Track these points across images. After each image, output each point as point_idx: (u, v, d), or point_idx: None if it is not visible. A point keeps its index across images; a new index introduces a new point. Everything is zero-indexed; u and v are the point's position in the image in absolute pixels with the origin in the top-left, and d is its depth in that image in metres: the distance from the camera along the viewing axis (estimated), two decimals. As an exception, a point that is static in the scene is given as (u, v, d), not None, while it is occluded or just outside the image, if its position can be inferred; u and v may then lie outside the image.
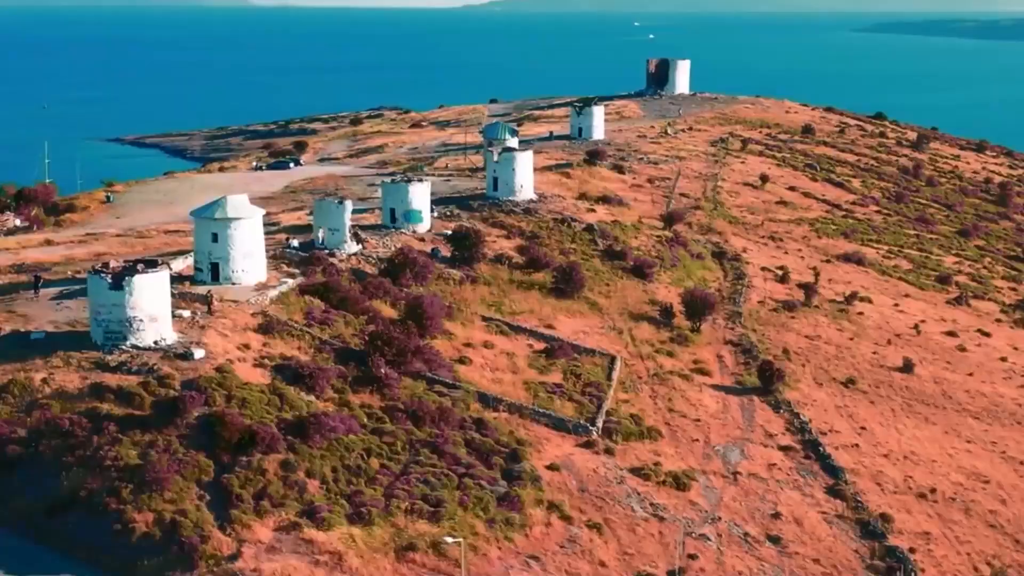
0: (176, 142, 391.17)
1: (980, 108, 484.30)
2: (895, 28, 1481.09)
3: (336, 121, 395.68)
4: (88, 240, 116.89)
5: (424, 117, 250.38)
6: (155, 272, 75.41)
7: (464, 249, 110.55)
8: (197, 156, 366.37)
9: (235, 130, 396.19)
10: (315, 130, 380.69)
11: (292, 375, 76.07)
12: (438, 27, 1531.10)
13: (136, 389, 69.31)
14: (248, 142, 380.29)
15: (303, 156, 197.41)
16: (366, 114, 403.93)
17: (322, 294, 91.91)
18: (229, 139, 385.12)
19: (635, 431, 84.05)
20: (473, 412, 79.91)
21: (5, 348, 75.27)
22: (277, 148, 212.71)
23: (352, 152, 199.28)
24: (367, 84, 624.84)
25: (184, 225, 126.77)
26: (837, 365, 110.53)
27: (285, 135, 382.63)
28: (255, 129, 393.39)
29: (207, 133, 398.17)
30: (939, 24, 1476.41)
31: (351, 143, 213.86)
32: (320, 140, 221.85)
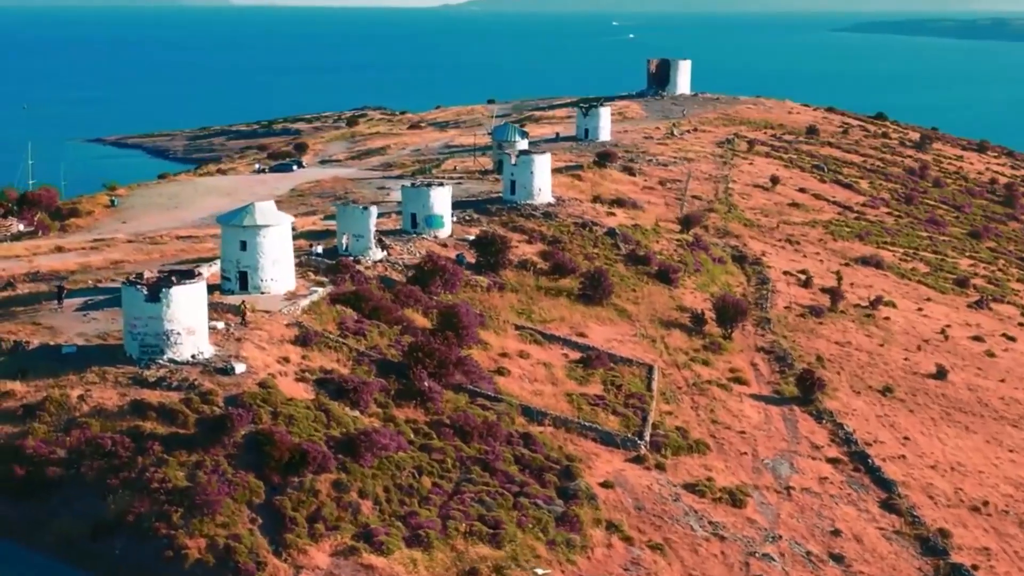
0: (158, 142, 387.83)
1: (966, 107, 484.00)
2: (874, 28, 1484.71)
3: (320, 121, 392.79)
4: (100, 246, 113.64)
5: (422, 118, 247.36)
6: (192, 283, 72.37)
7: (490, 255, 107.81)
8: (180, 157, 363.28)
9: (218, 130, 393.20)
10: (299, 130, 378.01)
11: (335, 390, 73.19)
12: (419, 27, 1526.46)
13: (178, 406, 66.31)
14: (231, 142, 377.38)
15: (303, 158, 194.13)
16: (350, 114, 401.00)
17: (354, 303, 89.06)
18: (212, 139, 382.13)
19: (683, 445, 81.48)
20: (518, 426, 77.21)
21: (35, 363, 72.15)
22: (276, 150, 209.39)
23: (353, 154, 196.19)
24: (350, 84, 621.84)
25: (196, 230, 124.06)
26: (871, 373, 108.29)
27: (269, 135, 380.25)
28: (238, 129, 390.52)
29: (189, 133, 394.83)
30: (918, 24, 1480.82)
31: (350, 144, 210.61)
32: (319, 141, 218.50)
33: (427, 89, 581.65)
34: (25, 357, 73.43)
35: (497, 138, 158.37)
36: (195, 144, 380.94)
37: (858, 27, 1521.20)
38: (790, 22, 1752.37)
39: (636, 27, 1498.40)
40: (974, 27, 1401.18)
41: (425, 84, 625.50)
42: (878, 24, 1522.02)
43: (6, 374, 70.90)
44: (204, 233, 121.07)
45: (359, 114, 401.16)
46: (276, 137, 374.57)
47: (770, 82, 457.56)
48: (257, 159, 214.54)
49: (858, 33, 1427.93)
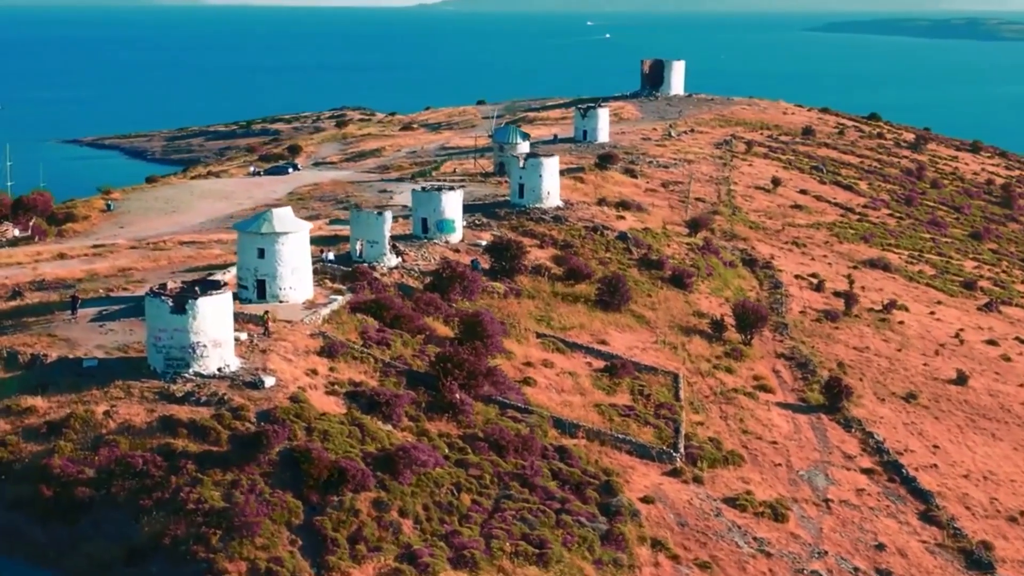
0: (135, 143, 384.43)
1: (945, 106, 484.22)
2: (848, 27, 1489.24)
3: (299, 121, 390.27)
4: (103, 253, 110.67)
5: (413, 119, 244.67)
6: (219, 294, 69.83)
7: (505, 261, 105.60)
8: (158, 158, 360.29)
9: (196, 131, 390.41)
10: (278, 130, 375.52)
11: (367, 403, 70.79)
12: (394, 27, 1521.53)
13: (210, 423, 63.79)
14: (210, 143, 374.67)
15: (296, 160, 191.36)
16: (329, 114, 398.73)
17: (374, 312, 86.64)
18: (190, 140, 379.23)
19: (718, 457, 79.48)
20: (551, 439, 75.04)
21: (56, 377, 69.48)
22: (269, 152, 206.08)
23: (346, 156, 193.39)
24: (327, 84, 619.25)
25: (198, 235, 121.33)
26: (893, 379, 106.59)
27: (248, 135, 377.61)
28: (216, 130, 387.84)
29: (167, 134, 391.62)
30: (891, 23, 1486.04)
31: (343, 146, 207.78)
32: (311, 143, 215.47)
33: (407, 89, 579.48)
34: (44, 371, 70.78)
35: (498, 140, 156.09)
36: (173, 145, 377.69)
37: (831, 27, 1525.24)
38: (763, 22, 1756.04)
39: (610, 27, 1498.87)
40: (948, 26, 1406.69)
41: (405, 84, 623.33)
42: (851, 24, 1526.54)
43: (25, 389, 68.27)
44: (208, 238, 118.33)
45: (339, 114, 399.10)
46: (255, 137, 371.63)
47: (750, 82, 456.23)
48: (249, 161, 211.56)
49: (831, 33, 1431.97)
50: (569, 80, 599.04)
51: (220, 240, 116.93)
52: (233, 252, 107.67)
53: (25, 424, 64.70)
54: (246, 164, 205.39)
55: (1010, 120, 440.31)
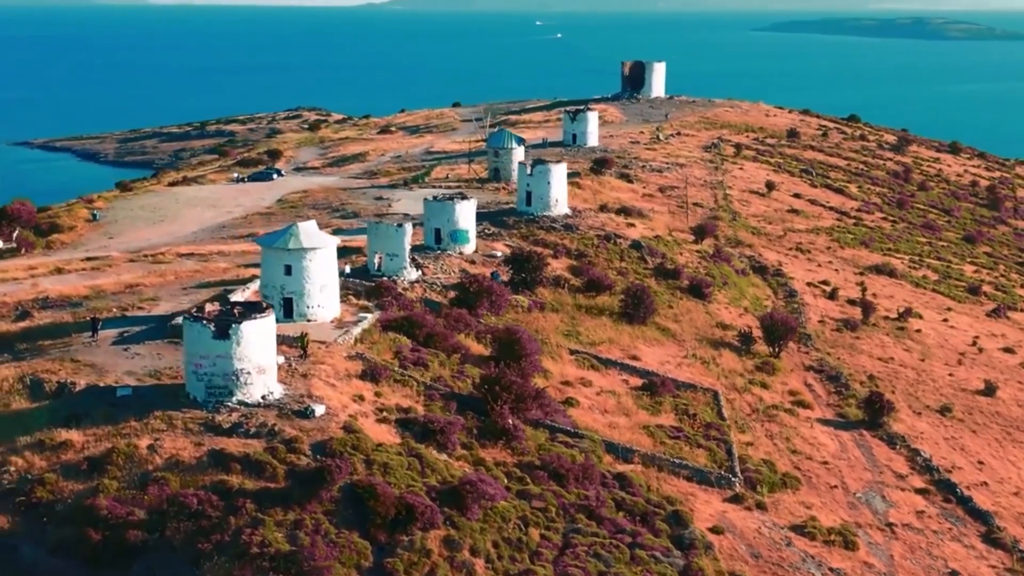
0: (87, 145, 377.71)
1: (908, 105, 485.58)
2: (795, 27, 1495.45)
3: (255, 122, 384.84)
4: (101, 267, 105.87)
5: (390, 122, 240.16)
6: (263, 317, 65.54)
7: (526, 272, 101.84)
8: (111, 160, 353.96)
9: (149, 132, 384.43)
10: (233, 132, 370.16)
11: (421, 431, 66.79)
12: (344, 26, 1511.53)
13: (264, 457, 59.55)
14: (164, 144, 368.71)
15: (276, 165, 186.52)
16: (284, 115, 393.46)
17: (406, 330, 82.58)
18: (144, 142, 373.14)
19: (775, 480, 76.27)
20: (606, 465, 71.39)
21: (88, 407, 64.87)
22: (248, 156, 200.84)
23: (328, 160, 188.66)
24: (280, 84, 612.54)
25: (195, 247, 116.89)
26: (924, 391, 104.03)
27: (202, 137, 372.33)
28: (170, 131, 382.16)
29: (119, 136, 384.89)
30: (838, 23, 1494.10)
31: (322, 150, 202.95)
32: (289, 147, 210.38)
33: (364, 90, 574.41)
34: (74, 401, 66.18)
35: (492, 145, 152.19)
36: (126, 147, 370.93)
37: (779, 26, 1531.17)
38: (711, 21, 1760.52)
39: (560, 26, 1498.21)
40: (894, 26, 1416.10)
41: (360, 85, 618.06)
42: (799, 23, 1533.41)
43: (56, 421, 63.62)
44: (207, 250, 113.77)
45: (294, 115, 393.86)
46: (210, 139, 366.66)
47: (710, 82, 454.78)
48: (225, 166, 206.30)
49: (779, 32, 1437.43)
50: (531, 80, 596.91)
51: (221, 252, 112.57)
52: (239, 265, 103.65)
53: (62, 460, 60.10)
54: (223, 169, 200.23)
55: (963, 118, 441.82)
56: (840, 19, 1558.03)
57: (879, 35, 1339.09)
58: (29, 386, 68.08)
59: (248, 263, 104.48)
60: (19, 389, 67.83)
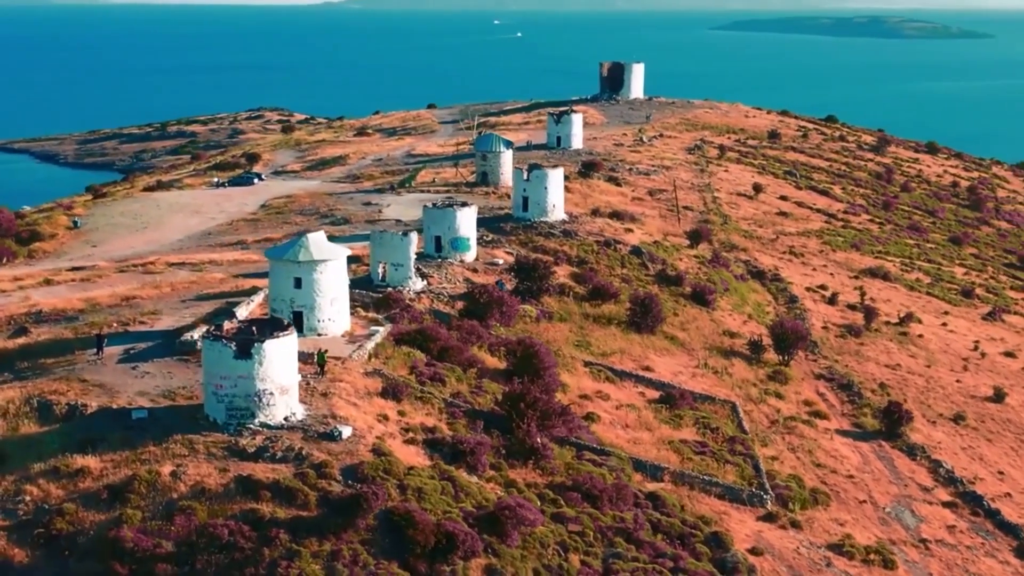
0: (46, 147, 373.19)
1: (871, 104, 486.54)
2: (752, 26, 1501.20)
3: (216, 123, 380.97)
4: (91, 278, 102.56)
5: (366, 124, 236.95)
6: (285, 335, 62.75)
7: (532, 281, 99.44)
8: (71, 162, 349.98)
9: (109, 133, 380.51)
10: (195, 133, 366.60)
11: (450, 452, 64.21)
12: (302, 26, 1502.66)
13: (294, 483, 56.77)
14: (124, 146, 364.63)
15: (254, 168, 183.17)
16: (246, 115, 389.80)
17: (420, 343, 79.94)
18: (103, 143, 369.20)
19: (806, 497, 74.38)
20: (636, 484, 69.14)
21: (102, 431, 61.79)
22: (225, 161, 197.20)
23: (307, 164, 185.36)
24: (240, 84, 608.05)
25: (186, 256, 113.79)
26: (934, 399, 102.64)
27: (163, 138, 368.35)
28: (130, 132, 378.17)
29: (79, 137, 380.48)
30: (795, 21, 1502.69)
31: (299, 153, 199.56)
32: (265, 150, 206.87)
33: (326, 90, 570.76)
34: (86, 424, 63.08)
35: (479, 148, 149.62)
36: (86, 148, 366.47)
37: (736, 25, 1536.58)
38: (669, 20, 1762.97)
39: (518, 25, 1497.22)
40: (851, 24, 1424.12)
41: (322, 85, 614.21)
42: (756, 22, 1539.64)
43: (69, 446, 60.50)
44: (198, 259, 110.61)
45: (255, 115, 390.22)
46: (171, 140, 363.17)
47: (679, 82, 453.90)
48: (199, 169, 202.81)
49: (736, 31, 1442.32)
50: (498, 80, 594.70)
51: (213, 261, 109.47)
52: (234, 275, 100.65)
53: (80, 489, 57.08)
54: (198, 173, 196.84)
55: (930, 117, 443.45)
56: (798, 18, 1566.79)
57: (836, 34, 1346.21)
58: (37, 409, 64.92)
59: (243, 273, 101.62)
60: (27, 412, 64.67)
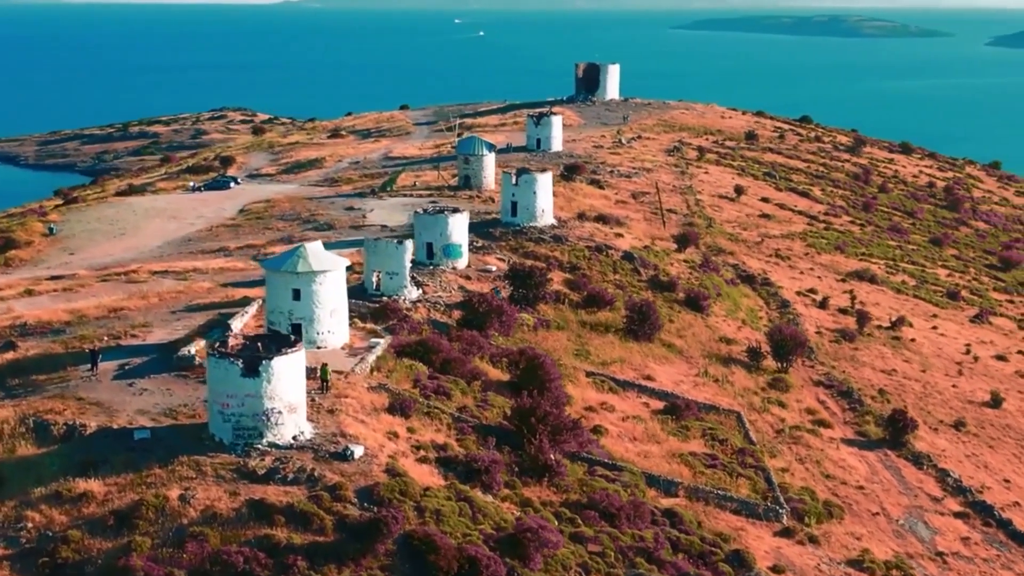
0: (5, 148, 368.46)
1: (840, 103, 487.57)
2: (714, 25, 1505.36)
3: (179, 123, 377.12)
4: (74, 287, 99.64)
5: (339, 125, 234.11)
6: (294, 351, 60.59)
7: (528, 288, 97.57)
8: (32, 163, 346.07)
9: (70, 134, 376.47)
10: (157, 133, 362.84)
11: (464, 471, 62.25)
12: (263, 25, 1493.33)
13: (309, 507, 54.66)
14: (86, 147, 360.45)
15: (228, 171, 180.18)
16: (208, 115, 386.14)
17: (422, 355, 77.95)
18: (64, 144, 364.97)
19: (820, 511, 72.93)
20: (651, 500, 67.44)
21: (103, 453, 59.44)
22: (198, 164, 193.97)
23: (282, 167, 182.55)
24: (201, 84, 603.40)
25: (169, 263, 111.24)
26: (933, 405, 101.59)
27: (125, 139, 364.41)
28: (91, 133, 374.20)
29: (38, 138, 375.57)
30: (756, 21, 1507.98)
31: (272, 156, 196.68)
32: (237, 152, 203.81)
33: (288, 89, 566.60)
34: (86, 445, 60.68)
35: (462, 151, 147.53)
36: (47, 149, 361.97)
37: (697, 24, 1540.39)
38: (628, 19, 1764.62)
39: (479, 24, 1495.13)
40: (810, 24, 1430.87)
41: (284, 84, 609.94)
42: (718, 22, 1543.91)
43: (70, 469, 58.13)
44: (182, 267, 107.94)
45: (218, 115, 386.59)
46: (133, 141, 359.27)
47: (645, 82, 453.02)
48: (171, 172, 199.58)
49: (698, 31, 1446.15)
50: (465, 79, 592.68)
51: (197, 269, 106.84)
52: (221, 284, 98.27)
53: (85, 514, 54.74)
54: (170, 176, 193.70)
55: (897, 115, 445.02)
56: (758, 17, 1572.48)
57: (796, 33, 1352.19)
58: (33, 428, 62.45)
59: (230, 282, 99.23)
60: (23, 432, 62.20)
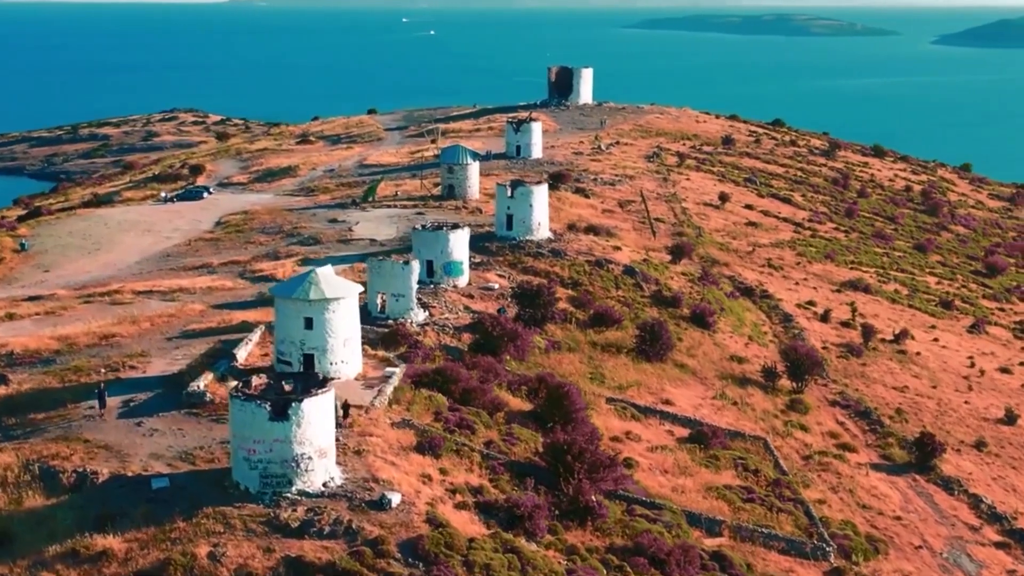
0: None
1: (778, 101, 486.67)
2: (663, 24, 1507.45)
3: (128, 125, 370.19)
4: (56, 310, 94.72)
5: (307, 129, 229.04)
6: (324, 392, 56.36)
7: (535, 308, 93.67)
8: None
9: (17, 137, 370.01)
10: (107, 135, 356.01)
11: (506, 517, 58.25)
12: (211, 24, 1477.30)
13: (351, 564, 50.47)
14: (34, 150, 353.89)
15: (199, 180, 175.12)
16: (160, 116, 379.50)
17: (440, 386, 73.85)
18: (12, 147, 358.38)
19: (866, 547, 69.52)
20: (695, 541, 63.77)
21: (120, 504, 54.93)
22: (164, 172, 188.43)
23: (254, 175, 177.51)
24: (150, 84, 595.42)
25: (153, 282, 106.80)
26: (950, 423, 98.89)
27: (75, 141, 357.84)
28: (40, 135, 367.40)
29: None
30: (705, 19, 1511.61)
31: (242, 163, 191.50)
32: (202, 158, 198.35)
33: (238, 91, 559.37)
34: (99, 495, 56.16)
35: (445, 160, 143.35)
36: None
37: (647, 23, 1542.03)
38: (576, 18, 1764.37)
39: (428, 23, 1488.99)
40: (759, 22, 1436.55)
41: (234, 85, 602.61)
42: (667, 20, 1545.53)
43: (84, 523, 53.57)
44: (167, 286, 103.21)
45: (170, 116, 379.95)
46: (83, 143, 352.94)
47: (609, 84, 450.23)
48: (135, 180, 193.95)
49: (647, 29, 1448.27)
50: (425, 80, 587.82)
51: (183, 288, 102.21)
52: (214, 307, 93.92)
53: (105, 575, 50.30)
54: (135, 184, 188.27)
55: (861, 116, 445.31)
56: (707, 16, 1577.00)
57: (745, 32, 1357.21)
58: (40, 476, 57.87)
59: (222, 303, 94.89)
60: (28, 481, 57.60)
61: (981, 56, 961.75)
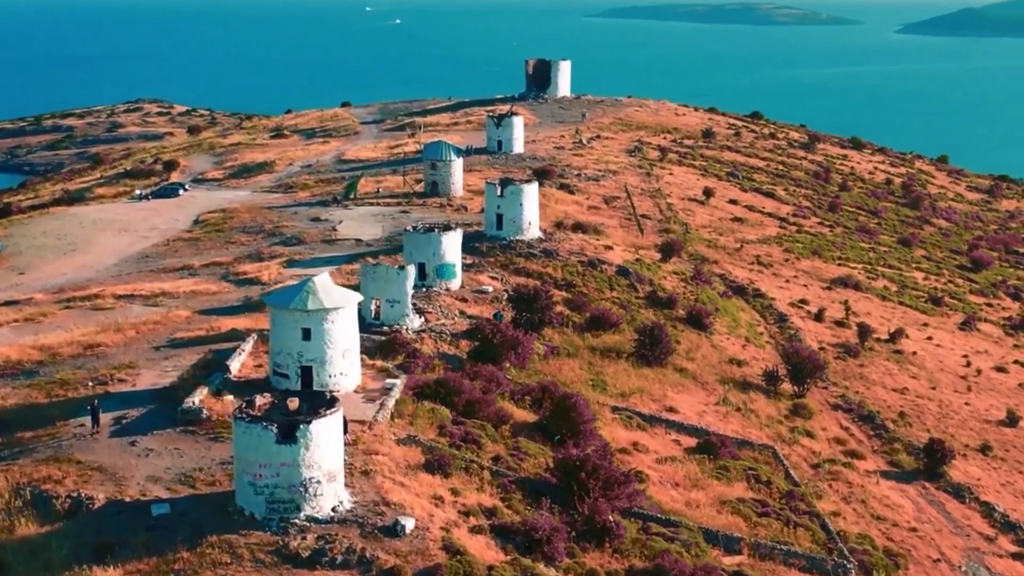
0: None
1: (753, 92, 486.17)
2: (628, 13, 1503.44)
3: (92, 116, 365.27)
4: (36, 317, 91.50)
5: (280, 123, 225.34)
6: (332, 413, 53.63)
7: (533, 312, 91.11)
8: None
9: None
10: (72, 126, 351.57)
11: (523, 541, 55.69)
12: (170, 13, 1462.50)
13: (368, 597, 47.92)
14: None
15: (173, 176, 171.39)
16: (124, 107, 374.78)
17: (442, 397, 71.20)
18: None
19: (887, 562, 67.46)
20: (715, 561, 61.47)
21: (118, 532, 52.06)
22: (140, 168, 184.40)
23: (229, 171, 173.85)
24: (111, 75, 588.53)
25: (133, 285, 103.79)
26: (952, 426, 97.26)
27: (38, 132, 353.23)
28: (2, 127, 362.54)
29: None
30: (670, 9, 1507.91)
31: (216, 158, 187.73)
32: (179, 155, 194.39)
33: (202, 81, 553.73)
34: (96, 522, 53.26)
35: (428, 156, 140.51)
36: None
37: (611, 13, 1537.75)
38: (540, 7, 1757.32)
39: (390, 12, 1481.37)
40: (724, 12, 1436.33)
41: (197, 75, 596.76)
42: (632, 10, 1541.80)
43: (81, 553, 50.74)
44: (148, 290, 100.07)
45: (134, 107, 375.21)
46: (47, 134, 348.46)
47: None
48: (106, 175, 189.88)
49: (612, 19, 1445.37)
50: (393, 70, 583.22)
51: (166, 293, 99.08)
52: (200, 313, 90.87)
53: (107, 612, 47.50)
54: (106, 180, 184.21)
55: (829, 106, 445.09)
56: (673, 5, 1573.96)
57: (710, 21, 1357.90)
58: (32, 502, 54.93)
59: (208, 309, 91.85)
60: (20, 507, 54.65)
61: (946, 45, 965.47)
